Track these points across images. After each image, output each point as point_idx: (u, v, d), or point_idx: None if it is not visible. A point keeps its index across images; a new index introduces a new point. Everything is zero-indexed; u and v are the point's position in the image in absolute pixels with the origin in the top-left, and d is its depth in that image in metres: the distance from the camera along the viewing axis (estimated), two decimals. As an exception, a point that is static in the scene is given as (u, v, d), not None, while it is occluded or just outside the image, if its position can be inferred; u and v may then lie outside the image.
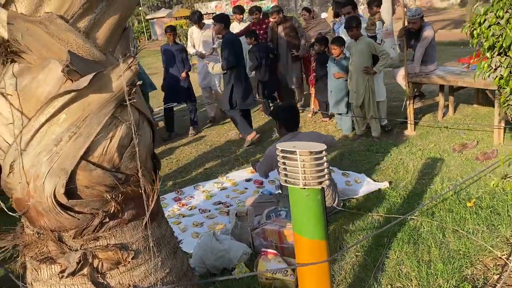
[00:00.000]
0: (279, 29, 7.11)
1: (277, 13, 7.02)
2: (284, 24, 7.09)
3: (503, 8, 2.37)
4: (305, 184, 1.96)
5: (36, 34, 1.63)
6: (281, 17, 7.07)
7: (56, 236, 1.85)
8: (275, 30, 7.15)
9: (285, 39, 7.06)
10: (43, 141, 1.72)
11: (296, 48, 7.06)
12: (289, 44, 7.06)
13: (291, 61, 7.14)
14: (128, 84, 1.74)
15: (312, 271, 2.05)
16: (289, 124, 3.86)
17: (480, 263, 2.87)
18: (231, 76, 6.02)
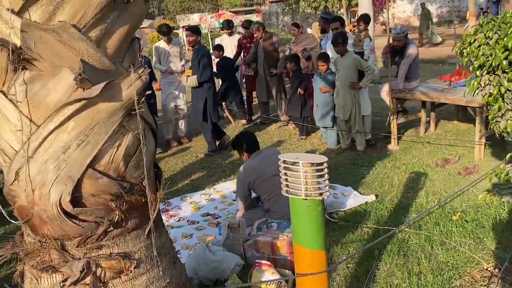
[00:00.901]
0: (259, 44, 7.32)
1: (258, 29, 7.23)
2: (265, 40, 7.30)
3: (492, 29, 2.50)
4: (306, 195, 2.00)
5: (48, 42, 1.64)
6: (262, 33, 7.28)
7: (59, 244, 1.84)
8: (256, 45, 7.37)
9: (264, 55, 7.27)
10: (51, 148, 1.72)
11: (275, 64, 7.27)
12: (267, 60, 7.27)
13: (270, 76, 7.34)
14: (137, 94, 1.76)
15: (312, 281, 2.09)
16: (250, 149, 4.09)
17: (468, 274, 2.95)
18: (205, 89, 6.09)
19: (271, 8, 29.47)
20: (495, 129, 2.70)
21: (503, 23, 2.47)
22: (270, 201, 3.86)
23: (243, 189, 3.99)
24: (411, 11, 29.92)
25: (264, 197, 3.91)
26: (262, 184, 3.86)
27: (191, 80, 6.03)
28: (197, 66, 6.04)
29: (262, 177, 3.84)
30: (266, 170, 3.84)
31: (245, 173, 3.94)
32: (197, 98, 6.17)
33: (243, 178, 3.94)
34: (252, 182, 3.88)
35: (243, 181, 3.94)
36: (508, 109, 2.54)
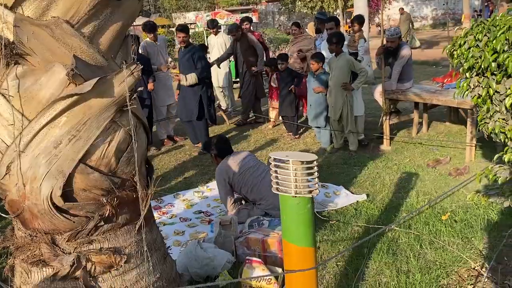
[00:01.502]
0: (238, 45, 7.37)
1: (236, 30, 7.31)
2: (243, 41, 7.36)
3: (482, 31, 2.53)
4: (296, 192, 2.03)
5: (41, 37, 1.65)
6: (240, 34, 7.34)
7: (50, 238, 1.85)
8: (235, 46, 7.42)
9: (242, 54, 7.35)
10: (43, 143, 1.73)
11: (254, 63, 7.35)
12: (247, 60, 7.34)
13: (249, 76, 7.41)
14: (129, 90, 1.78)
15: (301, 278, 2.11)
16: (223, 152, 4.22)
17: (455, 273, 2.99)
18: (200, 88, 6.11)
19: (267, 7, 29.48)
20: (484, 130, 2.74)
21: (492, 25, 2.51)
22: (253, 192, 3.98)
23: (225, 188, 4.10)
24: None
25: (245, 189, 4.05)
26: (240, 178, 4.01)
27: (190, 77, 6.01)
28: (192, 64, 6.03)
29: (239, 171, 4.00)
30: (240, 165, 4.02)
31: (222, 173, 4.08)
32: (191, 96, 6.17)
33: (222, 178, 4.07)
34: (230, 178, 4.02)
35: (223, 181, 4.07)
36: (496, 110, 2.58)
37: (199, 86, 6.12)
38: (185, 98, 6.28)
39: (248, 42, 7.42)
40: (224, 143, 4.35)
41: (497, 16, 2.55)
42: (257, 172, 4.04)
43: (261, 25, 25.39)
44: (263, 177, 3.97)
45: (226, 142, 4.39)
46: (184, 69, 6.15)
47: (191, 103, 6.18)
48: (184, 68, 6.16)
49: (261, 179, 3.96)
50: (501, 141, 2.66)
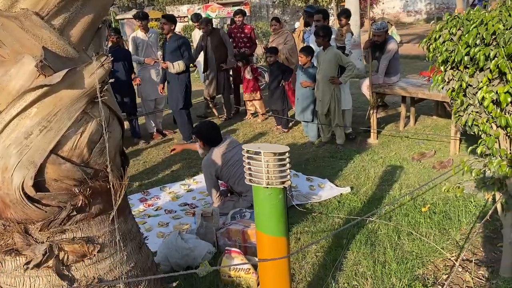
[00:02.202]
0: (208, 40, 7.37)
1: (206, 24, 7.33)
2: (213, 36, 7.37)
3: (456, 25, 2.56)
4: (268, 183, 2.07)
5: (10, 29, 1.67)
6: (210, 28, 7.37)
7: (22, 228, 1.88)
8: (204, 41, 7.41)
9: (213, 50, 7.35)
10: (13, 133, 1.75)
11: (223, 59, 7.38)
12: (216, 55, 7.35)
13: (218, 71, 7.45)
14: (100, 82, 1.80)
15: (273, 267, 2.15)
16: (211, 140, 4.19)
17: (431, 263, 3.05)
18: (186, 76, 6.20)
19: (261, 0, 29.38)
20: (459, 123, 2.78)
21: (466, 19, 2.54)
22: (240, 184, 4.01)
23: (212, 180, 4.12)
24: (401, 7, 30.05)
25: (232, 181, 4.08)
26: (227, 170, 4.04)
27: (177, 65, 6.04)
28: (178, 52, 6.07)
29: (226, 164, 4.03)
30: (228, 157, 4.04)
31: (209, 166, 4.10)
32: (177, 86, 6.20)
33: (209, 171, 4.10)
34: (218, 170, 4.05)
35: (209, 173, 4.09)
36: (469, 103, 2.62)
37: (185, 74, 6.17)
38: (171, 88, 6.33)
39: (219, 37, 7.44)
40: (213, 129, 4.28)
41: (471, 11, 2.58)
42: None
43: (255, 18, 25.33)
44: None
45: (215, 129, 4.31)
46: (170, 58, 6.17)
47: (176, 92, 6.22)
48: (170, 57, 6.17)
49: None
50: (475, 134, 2.70)
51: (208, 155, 4.15)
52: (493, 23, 2.31)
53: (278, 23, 7.35)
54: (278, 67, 6.53)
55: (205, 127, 4.31)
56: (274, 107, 6.73)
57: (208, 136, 4.21)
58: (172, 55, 6.14)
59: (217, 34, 7.50)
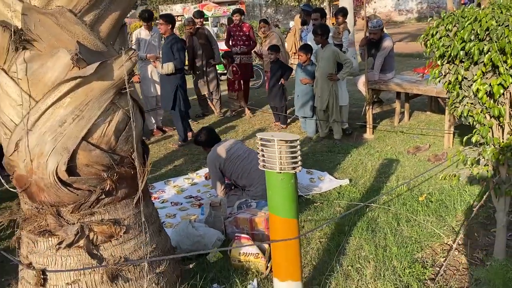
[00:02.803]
0: (194, 39, 7.54)
1: (192, 24, 7.49)
2: (198, 35, 7.56)
3: (451, 22, 2.74)
4: (281, 168, 2.22)
5: (47, 25, 1.81)
6: (195, 27, 7.54)
7: (55, 210, 2.02)
8: (191, 40, 7.55)
9: (201, 48, 7.54)
10: (49, 122, 1.90)
11: (211, 56, 7.60)
12: (205, 52, 7.55)
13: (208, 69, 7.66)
14: (127, 74, 1.95)
15: (286, 247, 2.31)
16: (211, 142, 4.43)
17: (429, 248, 3.22)
18: (178, 77, 6.26)
19: (254, 0, 29.53)
20: (455, 114, 2.95)
21: (461, 17, 2.71)
22: (243, 178, 4.15)
23: (216, 173, 4.27)
24: (392, 6, 30.36)
25: (236, 175, 4.20)
26: (231, 164, 4.18)
27: (167, 66, 6.11)
28: (170, 54, 6.14)
29: (229, 158, 4.17)
30: (231, 151, 4.19)
31: (213, 159, 4.24)
32: (168, 86, 6.29)
33: (213, 164, 4.24)
34: (222, 164, 4.18)
35: (214, 166, 4.23)
36: (465, 95, 2.79)
37: (176, 76, 6.23)
38: (163, 88, 6.44)
39: (205, 35, 7.65)
40: (210, 133, 4.54)
41: (466, 8, 2.75)
42: (247, 159, 4.20)
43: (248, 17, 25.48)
44: (253, 164, 4.11)
45: (212, 132, 4.58)
46: (163, 58, 6.28)
47: (168, 92, 6.30)
48: (163, 57, 6.28)
49: (251, 166, 4.11)
50: (470, 124, 2.87)
51: (212, 150, 4.31)
52: (486, 19, 2.49)
53: (266, 24, 7.53)
54: (279, 65, 6.68)
55: (202, 134, 4.53)
56: (273, 103, 6.89)
57: (207, 139, 4.45)
58: (165, 56, 6.23)
59: (202, 32, 7.69)
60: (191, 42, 7.55)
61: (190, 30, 7.54)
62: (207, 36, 7.65)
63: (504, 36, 2.42)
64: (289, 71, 6.79)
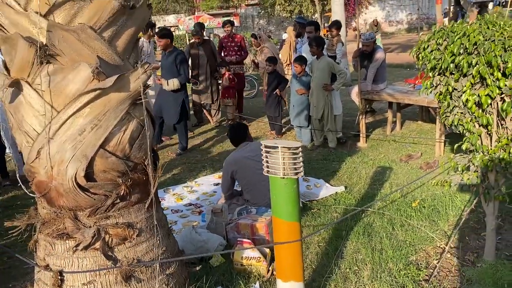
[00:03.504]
0: (200, 50, 7.74)
1: (197, 35, 7.74)
2: (205, 46, 7.79)
3: (442, 37, 2.92)
4: (284, 174, 2.36)
5: (69, 40, 1.95)
6: (202, 39, 7.78)
7: (73, 214, 2.14)
8: (196, 51, 7.76)
9: (206, 59, 7.74)
10: (69, 131, 2.02)
11: (215, 69, 7.81)
12: (209, 64, 7.76)
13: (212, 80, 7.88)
14: (143, 86, 2.09)
15: (289, 249, 2.44)
16: (237, 139, 4.52)
17: (423, 251, 3.37)
18: (182, 93, 6.36)
19: (247, 11, 29.88)
20: (446, 123, 3.12)
21: (451, 31, 2.89)
22: (250, 193, 4.20)
23: (227, 178, 4.30)
24: (383, 17, 30.89)
25: (245, 188, 4.25)
26: (244, 175, 4.20)
27: (172, 83, 6.19)
28: (174, 69, 6.23)
29: (243, 169, 4.17)
30: (249, 163, 4.14)
31: (229, 164, 4.28)
32: (172, 101, 6.34)
33: (227, 168, 4.27)
34: (235, 171, 4.22)
35: (227, 171, 4.26)
36: (455, 105, 2.97)
37: (181, 92, 6.33)
38: (166, 102, 6.42)
39: (211, 47, 7.88)
40: (237, 131, 4.57)
41: (455, 24, 2.94)
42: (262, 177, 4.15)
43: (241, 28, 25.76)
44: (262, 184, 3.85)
45: (239, 131, 4.57)
46: (166, 73, 6.33)
47: (174, 106, 6.35)
48: (166, 72, 6.33)
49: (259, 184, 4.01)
50: (460, 132, 3.05)
51: (232, 153, 4.38)
52: (474, 34, 2.67)
53: (256, 39, 7.74)
54: (276, 76, 6.87)
55: (230, 129, 4.68)
56: (269, 113, 7.05)
57: (231, 136, 4.56)
58: (168, 71, 6.29)
59: (208, 44, 7.89)
60: (196, 50, 7.72)
61: (197, 41, 7.72)
62: (212, 48, 7.84)
63: (491, 50, 2.59)
64: (285, 82, 6.97)
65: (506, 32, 2.64)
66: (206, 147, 6.87)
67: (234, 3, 22.91)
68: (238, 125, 4.83)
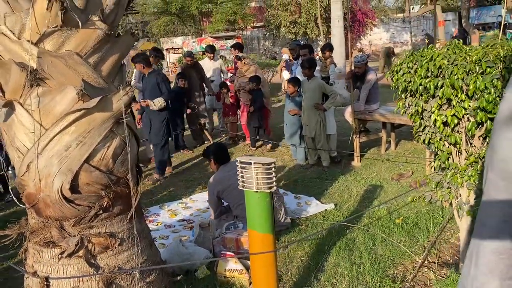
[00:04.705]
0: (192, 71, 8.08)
1: (191, 57, 8.17)
2: (196, 67, 8.21)
3: (412, 61, 3.10)
4: (257, 188, 2.53)
5: (57, 66, 2.16)
6: (194, 61, 8.19)
7: (59, 224, 2.32)
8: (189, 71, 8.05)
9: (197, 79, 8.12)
10: (56, 147, 2.22)
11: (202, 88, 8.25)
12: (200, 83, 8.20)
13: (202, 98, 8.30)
14: (124, 106, 2.29)
15: (262, 259, 2.60)
16: (219, 159, 4.58)
17: (401, 265, 3.50)
18: (166, 111, 6.42)
19: (252, 33, 30.44)
20: (419, 142, 3.28)
21: (421, 56, 3.08)
22: (238, 209, 4.35)
23: (213, 198, 4.48)
24: (387, 38, 31.26)
25: (232, 204, 4.41)
26: (230, 193, 4.33)
27: (158, 102, 6.22)
28: (157, 88, 6.31)
29: (229, 187, 4.30)
30: (232, 181, 4.21)
31: (214, 185, 4.44)
32: (157, 122, 6.41)
33: (212, 189, 4.44)
34: (220, 191, 4.37)
35: (212, 192, 4.43)
36: (426, 125, 3.13)
37: (165, 111, 6.39)
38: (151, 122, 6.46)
39: (200, 68, 8.28)
40: (221, 150, 4.67)
41: (425, 48, 3.12)
42: None
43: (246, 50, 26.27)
44: None
45: (222, 150, 4.68)
46: (150, 94, 6.33)
47: (159, 127, 6.39)
48: (150, 93, 6.34)
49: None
50: (432, 150, 3.20)
51: (215, 174, 4.52)
52: (439, 59, 2.85)
53: (239, 61, 8.02)
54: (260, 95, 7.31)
55: (212, 148, 4.73)
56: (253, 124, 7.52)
57: (216, 155, 4.58)
58: (152, 92, 6.34)
59: (199, 66, 8.31)
60: (187, 72, 8.00)
61: (189, 63, 8.07)
62: (201, 69, 8.25)
63: (454, 73, 2.77)
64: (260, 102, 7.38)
65: (469, 57, 2.82)
66: (203, 165, 7.05)
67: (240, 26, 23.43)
68: (220, 144, 4.97)
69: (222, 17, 20.77)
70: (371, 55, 25.86)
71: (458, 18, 29.27)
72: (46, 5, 2.05)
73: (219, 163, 4.56)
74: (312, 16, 24.04)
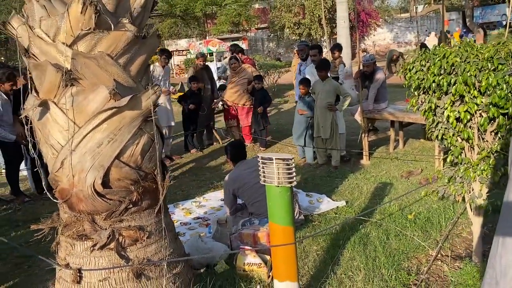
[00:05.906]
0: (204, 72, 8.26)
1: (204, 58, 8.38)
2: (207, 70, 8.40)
3: (425, 59, 3.20)
4: (279, 183, 2.63)
5: (90, 66, 2.27)
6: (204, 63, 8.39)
7: (91, 218, 2.43)
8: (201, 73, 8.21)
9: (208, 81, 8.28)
10: (89, 144, 2.33)
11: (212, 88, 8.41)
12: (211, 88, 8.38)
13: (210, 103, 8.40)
14: (153, 105, 2.40)
15: (283, 251, 2.69)
16: (236, 157, 4.68)
17: (415, 258, 3.58)
18: None
19: (256, 34, 30.57)
20: (432, 138, 3.38)
21: (433, 54, 3.17)
22: (254, 206, 4.45)
23: (228, 196, 4.55)
24: (391, 38, 31.32)
25: (248, 202, 4.50)
26: (245, 191, 4.42)
27: None
28: None
29: (244, 185, 4.39)
30: (248, 179, 4.37)
31: (229, 182, 4.52)
32: None
33: (228, 187, 4.51)
34: (236, 189, 4.45)
35: (228, 189, 4.50)
36: (439, 121, 3.22)
37: None
38: None
39: (210, 71, 8.43)
40: (237, 148, 4.77)
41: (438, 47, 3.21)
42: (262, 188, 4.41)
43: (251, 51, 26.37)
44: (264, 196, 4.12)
45: (239, 147, 4.79)
46: None
47: None
48: None
49: (260, 197, 4.17)
50: (445, 146, 3.29)
51: (231, 173, 4.59)
52: (451, 57, 2.94)
53: (237, 61, 8.06)
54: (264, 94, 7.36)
55: (229, 146, 4.83)
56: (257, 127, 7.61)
57: (231, 153, 4.70)
58: None
59: (209, 67, 8.45)
60: (199, 74, 8.13)
61: (201, 64, 8.22)
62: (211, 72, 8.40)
63: (466, 70, 2.86)
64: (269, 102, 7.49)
65: (480, 54, 2.91)
66: (214, 165, 7.16)
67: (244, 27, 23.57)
68: (237, 142, 5.06)
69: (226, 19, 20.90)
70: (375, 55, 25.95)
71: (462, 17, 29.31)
72: (81, 9, 2.16)
73: (235, 160, 4.65)
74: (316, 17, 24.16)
